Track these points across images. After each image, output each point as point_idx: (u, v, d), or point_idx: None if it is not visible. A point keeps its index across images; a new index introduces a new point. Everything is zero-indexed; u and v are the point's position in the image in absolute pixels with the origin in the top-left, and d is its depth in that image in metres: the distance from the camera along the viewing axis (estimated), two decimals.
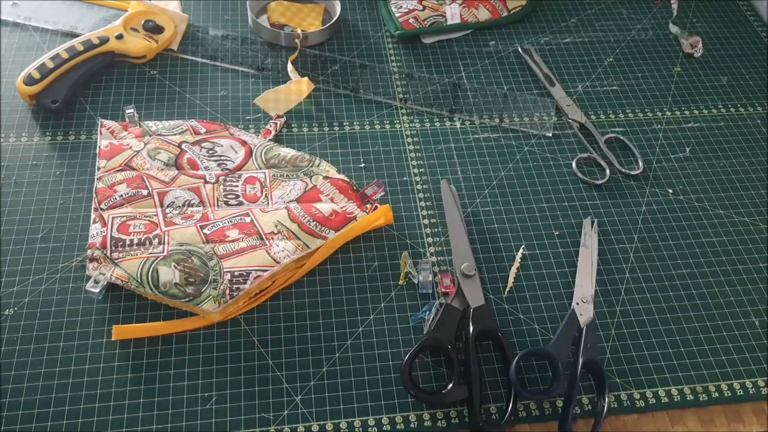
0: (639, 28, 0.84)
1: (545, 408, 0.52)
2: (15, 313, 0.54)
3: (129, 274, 0.54)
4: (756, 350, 0.57)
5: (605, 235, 0.63)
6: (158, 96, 0.70)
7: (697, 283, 0.61)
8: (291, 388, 0.52)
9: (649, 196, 0.67)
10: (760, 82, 0.79)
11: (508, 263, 0.60)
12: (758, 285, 0.61)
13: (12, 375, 0.51)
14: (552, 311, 0.58)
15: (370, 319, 0.56)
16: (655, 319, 0.58)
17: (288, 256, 0.56)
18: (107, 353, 0.52)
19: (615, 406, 0.53)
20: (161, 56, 0.74)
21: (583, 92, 0.76)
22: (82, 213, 0.60)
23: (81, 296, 0.55)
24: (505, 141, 0.70)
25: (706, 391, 0.54)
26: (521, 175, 0.67)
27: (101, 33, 0.71)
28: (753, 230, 0.65)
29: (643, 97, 0.76)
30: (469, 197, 0.65)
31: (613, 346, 0.56)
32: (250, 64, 0.74)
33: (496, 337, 0.55)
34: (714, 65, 0.80)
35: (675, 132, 0.73)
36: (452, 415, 0.52)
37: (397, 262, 0.59)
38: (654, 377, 0.55)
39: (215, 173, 0.62)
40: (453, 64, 0.77)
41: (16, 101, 0.68)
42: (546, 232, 0.63)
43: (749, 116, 0.75)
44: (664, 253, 0.62)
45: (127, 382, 0.51)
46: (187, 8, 0.79)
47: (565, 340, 0.54)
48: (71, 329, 0.53)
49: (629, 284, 0.60)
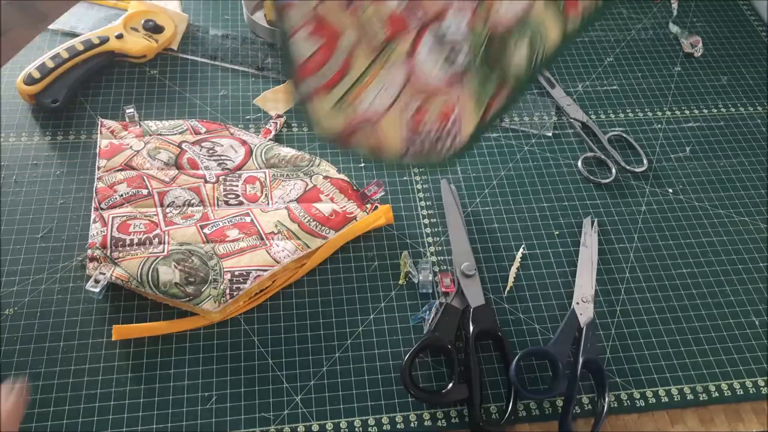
0: (639, 27, 0.84)
1: (545, 408, 0.52)
2: (15, 312, 0.54)
3: (129, 273, 0.54)
4: (756, 350, 0.57)
5: (605, 235, 0.63)
6: (158, 96, 0.70)
7: (697, 282, 0.61)
8: (291, 387, 0.52)
9: (650, 196, 0.67)
10: (760, 82, 0.79)
11: (508, 263, 0.60)
12: (758, 285, 0.61)
13: (12, 375, 0.51)
14: (552, 311, 0.58)
15: (370, 319, 0.56)
16: (655, 319, 0.58)
17: (288, 256, 0.56)
18: (107, 353, 0.52)
19: (615, 405, 0.53)
20: (161, 56, 0.74)
21: (583, 92, 0.76)
22: (82, 213, 0.60)
23: (81, 296, 0.55)
24: (505, 141, 0.70)
25: (706, 390, 0.54)
26: (521, 174, 0.67)
27: (101, 32, 0.71)
28: (753, 230, 0.65)
29: (643, 96, 0.76)
30: (469, 197, 0.65)
31: (613, 345, 0.56)
32: (250, 64, 0.74)
33: (496, 337, 0.55)
34: (714, 65, 0.80)
35: (675, 132, 0.73)
36: (452, 414, 0.52)
37: (397, 262, 0.59)
38: (654, 377, 0.55)
39: (215, 173, 0.62)
40: None
41: (16, 101, 0.68)
42: (546, 231, 0.63)
43: (749, 116, 0.75)
44: (664, 253, 0.62)
45: (127, 382, 0.51)
46: (186, 8, 0.79)
47: (565, 339, 0.54)
48: (71, 329, 0.53)
49: (629, 284, 0.60)
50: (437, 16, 0.42)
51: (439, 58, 0.44)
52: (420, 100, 0.45)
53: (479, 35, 0.43)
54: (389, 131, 0.46)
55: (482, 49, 0.43)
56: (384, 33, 0.41)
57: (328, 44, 0.41)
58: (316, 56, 0.41)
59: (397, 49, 0.42)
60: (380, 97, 0.44)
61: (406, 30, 0.42)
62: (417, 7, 0.41)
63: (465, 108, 0.46)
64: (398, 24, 0.41)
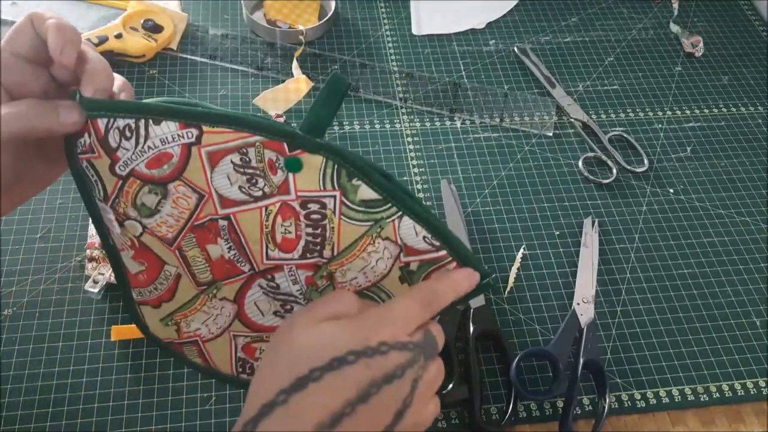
0: (640, 27, 0.84)
1: (546, 408, 0.52)
2: (14, 313, 0.54)
3: None
4: (757, 350, 0.57)
5: (606, 235, 0.63)
6: (158, 95, 0.70)
7: (697, 283, 0.60)
8: None
9: (650, 196, 0.66)
10: (761, 82, 0.79)
11: (508, 263, 0.60)
12: (759, 285, 0.61)
13: (11, 375, 0.50)
14: (552, 311, 0.57)
15: None
16: (655, 319, 0.58)
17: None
18: (106, 353, 0.52)
19: (616, 406, 0.53)
20: (160, 55, 0.74)
21: (583, 92, 0.76)
22: (81, 213, 0.60)
23: (80, 296, 0.55)
24: (506, 140, 0.70)
25: (707, 391, 0.54)
26: (522, 174, 0.67)
27: (100, 32, 0.70)
28: (753, 230, 0.65)
29: (643, 96, 0.76)
30: (469, 197, 0.65)
31: (614, 346, 0.56)
32: (249, 64, 0.73)
33: (496, 338, 0.55)
34: (715, 65, 0.80)
35: (676, 132, 0.73)
36: (452, 415, 0.51)
37: None
38: (655, 377, 0.54)
39: None
40: (453, 63, 0.77)
41: None
42: (547, 231, 0.63)
43: (750, 116, 0.75)
44: (664, 253, 0.62)
45: (126, 382, 0.51)
46: (186, 7, 0.79)
47: (566, 340, 0.54)
48: (70, 329, 0.53)
49: (630, 284, 0.60)
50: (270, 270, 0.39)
51: (271, 308, 0.41)
52: (250, 337, 0.42)
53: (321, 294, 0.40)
54: (218, 354, 0.44)
55: None
56: (209, 274, 0.40)
57: (151, 269, 0.40)
58: (142, 275, 0.41)
59: (224, 289, 0.40)
60: (207, 325, 0.42)
61: (235, 275, 0.39)
62: (245, 259, 0.38)
63: None
64: (225, 268, 0.39)
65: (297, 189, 0.36)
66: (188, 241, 0.38)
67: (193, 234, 0.38)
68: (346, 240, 0.37)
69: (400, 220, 0.36)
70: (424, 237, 0.36)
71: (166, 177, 0.36)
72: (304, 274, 0.39)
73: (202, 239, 0.38)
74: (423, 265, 0.37)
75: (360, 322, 0.33)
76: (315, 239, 0.37)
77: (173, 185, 0.36)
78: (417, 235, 0.36)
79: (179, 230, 0.38)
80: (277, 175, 0.36)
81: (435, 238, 0.37)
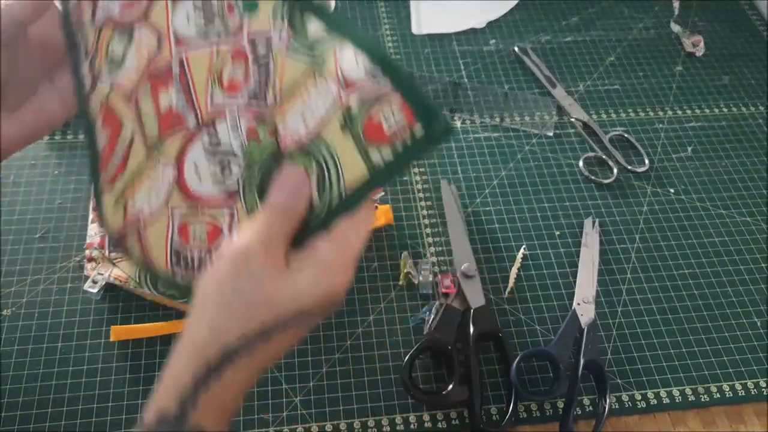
0: (640, 27, 0.84)
1: (546, 409, 0.52)
2: (13, 313, 0.54)
3: (127, 274, 0.53)
4: (757, 350, 0.56)
5: (606, 235, 0.63)
6: None
7: (698, 283, 0.60)
8: (290, 388, 0.52)
9: (651, 196, 0.66)
10: (761, 82, 0.79)
11: (508, 263, 0.60)
12: (759, 285, 0.61)
13: (10, 375, 0.50)
14: (553, 312, 0.57)
15: (370, 320, 0.56)
16: (656, 320, 0.58)
17: None
18: (106, 353, 0.52)
19: (616, 407, 0.53)
20: None
21: (584, 91, 0.75)
22: (80, 213, 0.60)
23: (79, 296, 0.55)
24: (506, 140, 0.70)
25: (708, 391, 0.54)
26: (522, 174, 0.67)
27: None
28: (754, 230, 0.65)
29: (644, 96, 0.76)
30: (469, 197, 0.65)
31: (615, 346, 0.56)
32: None
33: (496, 338, 0.54)
34: (716, 64, 0.80)
35: (676, 131, 0.73)
36: (452, 416, 0.51)
37: (397, 262, 0.59)
38: (655, 378, 0.54)
39: None
40: (453, 63, 0.77)
41: None
42: (547, 232, 0.63)
43: (751, 116, 0.75)
44: (665, 253, 0.62)
45: (125, 383, 0.51)
46: None
47: (566, 340, 0.54)
48: (69, 329, 0.53)
49: (630, 284, 0.60)
50: (214, 117, 0.37)
51: (209, 171, 0.38)
52: (187, 210, 0.39)
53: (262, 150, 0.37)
54: (154, 243, 0.40)
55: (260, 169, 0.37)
56: (156, 129, 0.38)
57: (113, 135, 0.39)
58: (107, 148, 0.40)
59: (167, 148, 0.38)
60: (150, 199, 0.40)
61: (180, 129, 0.38)
62: (190, 107, 0.37)
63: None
64: (172, 121, 0.38)
65: (249, 32, 0.37)
66: (144, 91, 0.39)
67: (149, 83, 0.39)
68: (289, 77, 0.37)
69: (342, 49, 0.36)
70: (365, 68, 0.35)
71: (134, 20, 0.39)
72: (246, 124, 0.38)
73: (156, 85, 0.39)
74: (364, 104, 0.35)
75: (331, 276, 0.34)
76: (260, 79, 0.37)
77: (138, 29, 0.39)
78: (358, 64, 0.35)
79: (138, 80, 0.39)
80: (234, 16, 0.37)
81: (375, 68, 0.35)
